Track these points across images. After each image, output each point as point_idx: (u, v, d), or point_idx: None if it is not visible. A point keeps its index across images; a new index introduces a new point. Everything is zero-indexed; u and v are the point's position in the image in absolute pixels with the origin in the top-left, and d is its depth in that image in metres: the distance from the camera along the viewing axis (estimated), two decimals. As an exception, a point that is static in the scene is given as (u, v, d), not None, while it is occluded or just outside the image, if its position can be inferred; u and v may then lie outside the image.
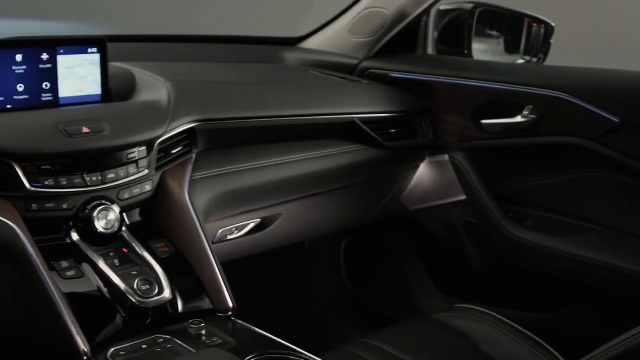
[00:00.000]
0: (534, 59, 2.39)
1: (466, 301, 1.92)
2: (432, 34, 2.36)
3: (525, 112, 2.03)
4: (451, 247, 2.43)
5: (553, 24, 2.36)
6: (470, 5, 2.28)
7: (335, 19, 2.37)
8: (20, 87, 1.52)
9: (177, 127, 1.58)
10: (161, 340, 1.33)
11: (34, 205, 1.37)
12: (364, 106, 2.01)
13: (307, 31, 2.43)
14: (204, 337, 1.33)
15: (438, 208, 2.38)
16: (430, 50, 2.37)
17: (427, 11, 2.26)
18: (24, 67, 1.52)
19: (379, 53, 2.30)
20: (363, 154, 2.00)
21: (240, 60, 2.19)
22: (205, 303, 1.47)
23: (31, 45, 1.53)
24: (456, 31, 2.30)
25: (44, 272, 1.31)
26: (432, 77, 2.16)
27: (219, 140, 1.69)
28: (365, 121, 1.98)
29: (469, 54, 2.29)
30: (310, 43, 2.41)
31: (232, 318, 1.46)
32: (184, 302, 1.43)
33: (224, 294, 1.47)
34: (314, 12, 2.62)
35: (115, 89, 1.66)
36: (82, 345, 1.27)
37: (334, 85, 2.08)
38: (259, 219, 1.88)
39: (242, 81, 1.91)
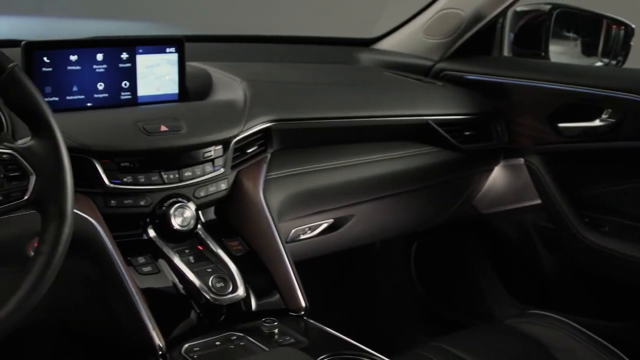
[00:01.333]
0: (613, 62, 2.33)
1: (539, 307, 1.89)
2: (508, 36, 2.33)
3: (604, 116, 1.98)
4: (524, 252, 2.39)
5: (633, 26, 2.31)
6: (548, 7, 2.24)
7: (410, 20, 2.36)
8: (100, 86, 1.55)
9: (253, 126, 1.59)
10: (234, 337, 1.34)
11: (112, 201, 1.40)
12: (439, 108, 2.00)
13: (381, 32, 2.42)
14: (276, 336, 1.34)
15: (512, 212, 2.34)
16: (506, 52, 2.34)
17: (504, 13, 2.23)
18: (104, 66, 1.55)
19: (454, 55, 2.28)
20: (437, 156, 1.99)
21: (315, 61, 2.20)
22: (279, 302, 1.48)
23: (112, 45, 1.56)
24: (533, 33, 2.26)
25: (122, 267, 1.33)
26: (508, 79, 2.13)
27: (293, 141, 1.70)
28: (440, 123, 1.96)
29: (546, 56, 2.25)
30: (385, 44, 2.40)
31: (305, 318, 1.46)
32: (258, 301, 1.45)
33: (297, 293, 1.48)
34: (389, 13, 2.61)
35: (192, 88, 1.69)
36: (158, 340, 1.29)
37: (408, 86, 2.07)
38: (332, 220, 1.89)
39: (317, 82, 1.92)
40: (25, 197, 1.09)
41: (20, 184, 1.09)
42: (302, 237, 1.85)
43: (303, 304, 1.47)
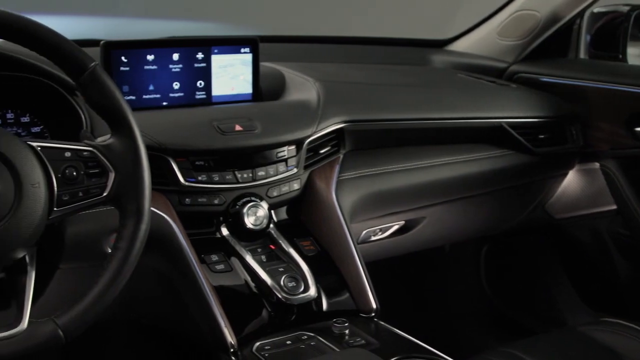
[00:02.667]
0: (693, 65, 2.27)
1: (613, 315, 1.85)
2: (584, 38, 2.28)
3: (684, 121, 1.94)
4: (598, 258, 2.34)
5: None
6: (626, 8, 2.19)
7: (484, 21, 2.34)
8: (176, 85, 1.57)
9: (327, 127, 1.60)
10: (305, 337, 1.35)
11: (187, 199, 1.42)
12: (513, 111, 1.97)
13: (455, 33, 2.40)
14: (347, 337, 1.34)
15: (586, 217, 2.30)
16: (582, 54, 2.30)
17: (580, 14, 2.19)
18: (180, 66, 1.57)
19: (528, 57, 2.25)
20: (510, 160, 1.96)
21: (388, 62, 2.19)
22: (349, 303, 1.48)
23: (188, 45, 1.59)
24: (610, 35, 2.22)
25: (195, 265, 1.35)
26: (584, 82, 2.09)
27: (366, 142, 1.70)
28: (514, 126, 1.94)
29: (624, 59, 2.20)
30: (458, 45, 2.39)
31: (375, 319, 1.46)
32: (329, 301, 1.45)
33: (367, 295, 1.48)
34: (462, 15, 2.59)
35: (265, 88, 1.70)
36: (230, 338, 1.31)
37: (482, 89, 2.05)
38: (403, 222, 1.88)
39: (391, 83, 1.91)
40: (104, 194, 1.11)
41: (99, 181, 1.11)
42: (373, 238, 1.85)
43: (374, 306, 1.47)
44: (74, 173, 1.10)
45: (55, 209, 1.09)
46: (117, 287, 1.10)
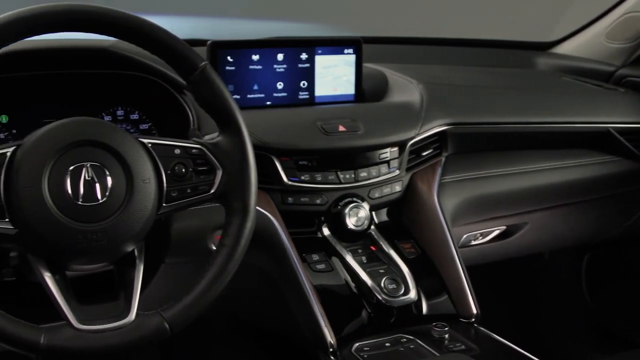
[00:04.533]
0: None
1: None
2: (698, 40, 2.21)
3: None
4: None
5: None
6: None
7: (591, 24, 2.28)
8: (279, 85, 1.59)
9: (429, 129, 1.58)
10: (404, 340, 1.34)
11: (289, 198, 1.43)
12: (621, 116, 1.92)
13: (560, 36, 2.36)
14: (447, 342, 1.33)
15: (695, 227, 2.22)
16: (696, 57, 2.22)
17: (694, 16, 2.12)
18: (284, 66, 1.59)
19: (638, 60, 2.18)
20: (616, 166, 1.91)
21: (491, 64, 2.16)
22: (449, 307, 1.46)
23: (292, 46, 1.60)
24: None
25: (297, 263, 1.36)
26: (697, 87, 2.02)
27: (469, 145, 1.68)
28: (622, 131, 1.88)
29: None
30: (563, 48, 2.34)
31: (475, 325, 1.44)
32: (429, 305, 1.44)
33: (468, 299, 1.46)
34: (568, 17, 2.54)
35: (368, 89, 1.70)
36: (330, 337, 1.31)
37: (588, 93, 2.00)
38: (504, 227, 1.85)
39: (494, 86, 1.89)
40: (212, 191, 1.13)
41: (207, 178, 1.13)
42: (473, 242, 1.83)
43: (474, 311, 1.46)
44: (183, 170, 1.12)
45: (164, 204, 1.11)
46: (222, 283, 1.12)
